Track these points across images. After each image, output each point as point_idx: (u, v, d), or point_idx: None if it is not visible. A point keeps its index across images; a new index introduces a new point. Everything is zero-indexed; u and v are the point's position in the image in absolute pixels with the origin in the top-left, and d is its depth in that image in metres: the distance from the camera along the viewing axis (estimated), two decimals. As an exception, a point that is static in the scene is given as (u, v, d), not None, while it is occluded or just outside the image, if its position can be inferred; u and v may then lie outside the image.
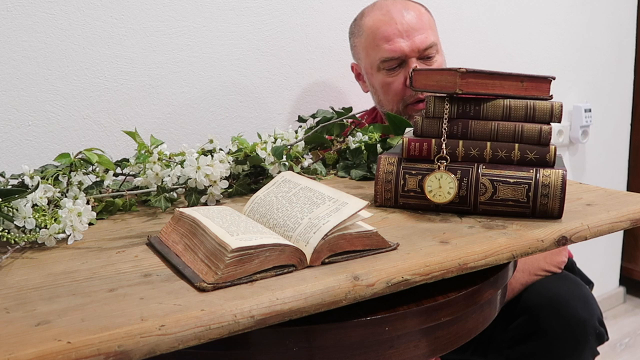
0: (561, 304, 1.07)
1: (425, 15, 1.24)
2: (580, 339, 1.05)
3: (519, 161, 0.77)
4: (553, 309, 1.07)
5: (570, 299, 1.08)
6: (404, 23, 1.18)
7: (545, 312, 1.07)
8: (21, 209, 0.67)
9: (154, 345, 0.45)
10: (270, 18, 1.38)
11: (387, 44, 1.18)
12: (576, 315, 1.06)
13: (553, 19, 1.94)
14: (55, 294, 0.53)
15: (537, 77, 0.78)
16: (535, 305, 1.09)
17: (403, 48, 1.17)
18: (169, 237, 0.66)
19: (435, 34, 1.24)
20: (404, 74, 1.19)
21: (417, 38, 1.18)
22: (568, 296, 1.09)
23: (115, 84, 1.21)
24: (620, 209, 0.76)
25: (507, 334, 1.12)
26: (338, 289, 0.54)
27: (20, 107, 1.12)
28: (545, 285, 1.12)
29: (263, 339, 0.56)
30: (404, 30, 1.18)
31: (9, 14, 1.08)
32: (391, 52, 1.18)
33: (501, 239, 0.66)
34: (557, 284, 1.12)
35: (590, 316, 1.08)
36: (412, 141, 0.79)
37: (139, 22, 1.22)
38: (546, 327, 1.06)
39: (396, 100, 1.22)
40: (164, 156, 0.85)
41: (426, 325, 0.63)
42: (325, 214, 0.62)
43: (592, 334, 1.07)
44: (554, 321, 1.06)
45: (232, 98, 1.36)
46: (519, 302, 1.13)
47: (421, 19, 1.21)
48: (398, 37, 1.18)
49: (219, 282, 0.53)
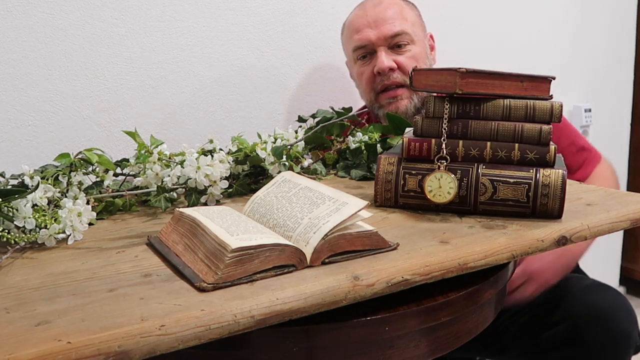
0: (606, 315, 1.06)
1: (398, 6, 1.26)
2: (622, 350, 1.05)
3: (519, 161, 0.77)
4: (599, 319, 1.06)
5: (617, 311, 1.07)
6: (373, 14, 1.24)
7: (591, 321, 1.06)
8: (21, 209, 0.67)
9: (154, 345, 0.45)
10: (270, 18, 1.38)
11: (357, 34, 1.25)
12: (620, 327, 1.05)
13: (553, 19, 1.94)
14: (55, 294, 0.53)
15: (537, 77, 0.78)
16: (580, 313, 1.08)
17: (370, 36, 1.23)
18: (169, 237, 0.66)
19: (409, 24, 1.25)
20: (374, 63, 1.23)
21: (384, 27, 1.23)
22: (614, 308, 1.08)
23: (115, 84, 1.21)
24: (620, 209, 0.76)
25: (544, 339, 1.11)
26: (338, 289, 0.54)
27: (20, 107, 1.12)
28: (591, 295, 1.12)
29: (263, 339, 0.56)
30: (372, 20, 1.24)
31: (9, 14, 1.08)
32: (359, 41, 1.25)
33: (501, 239, 0.66)
34: (603, 295, 1.11)
35: (633, 328, 1.07)
36: (412, 141, 0.78)
37: (139, 22, 1.22)
38: (589, 337, 1.05)
39: (368, 90, 1.26)
40: (164, 156, 0.85)
41: (426, 325, 0.63)
42: (325, 214, 0.62)
43: (633, 346, 1.07)
44: (599, 331, 1.05)
45: (232, 98, 1.36)
46: (558, 309, 1.12)
47: (392, 9, 1.25)
48: (367, 27, 1.24)
49: (219, 282, 0.53)
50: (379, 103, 1.25)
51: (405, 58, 1.23)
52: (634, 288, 2.44)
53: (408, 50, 1.24)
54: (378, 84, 1.23)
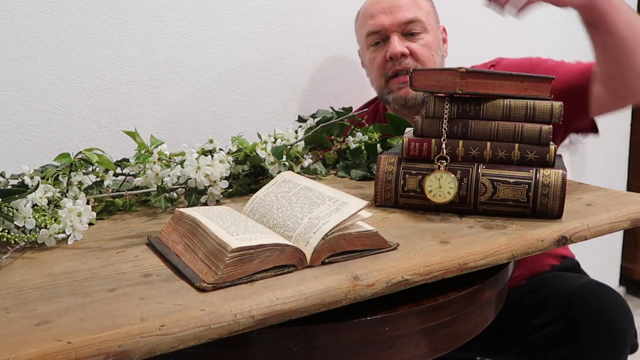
0: (602, 314, 1.06)
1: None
2: (618, 349, 1.04)
3: (519, 161, 0.77)
4: (596, 318, 1.05)
5: (614, 310, 1.07)
6: (388, 1, 1.25)
7: (588, 320, 1.05)
8: (21, 209, 0.67)
9: (154, 345, 0.45)
10: (270, 18, 1.38)
11: (371, 19, 1.26)
12: (616, 326, 1.05)
13: (553, 19, 1.94)
14: (55, 294, 0.53)
15: (537, 77, 0.78)
16: (577, 312, 1.07)
17: (384, 22, 1.24)
18: (169, 237, 0.66)
19: (423, 13, 1.26)
20: (387, 49, 1.24)
21: (398, 14, 1.24)
22: (611, 307, 1.07)
23: (115, 84, 1.21)
24: (620, 209, 0.76)
25: (539, 338, 1.11)
26: (338, 289, 0.54)
27: (20, 107, 1.12)
28: (588, 294, 1.11)
29: (263, 339, 0.56)
30: (387, 7, 1.25)
31: (9, 14, 1.08)
32: (373, 27, 1.25)
33: (501, 239, 0.66)
34: (600, 294, 1.11)
35: (629, 327, 1.07)
36: (412, 141, 0.79)
37: (139, 22, 1.22)
38: (586, 335, 1.04)
39: (379, 75, 1.27)
40: (164, 156, 0.85)
41: (426, 325, 0.63)
42: (325, 214, 0.62)
43: (629, 345, 1.06)
44: (595, 330, 1.04)
45: (232, 98, 1.36)
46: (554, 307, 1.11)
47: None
48: (381, 13, 1.25)
49: (219, 282, 0.53)
50: (389, 88, 1.25)
51: (418, 45, 1.23)
52: (634, 288, 2.44)
53: (421, 38, 1.24)
54: (389, 69, 1.24)
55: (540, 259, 1.30)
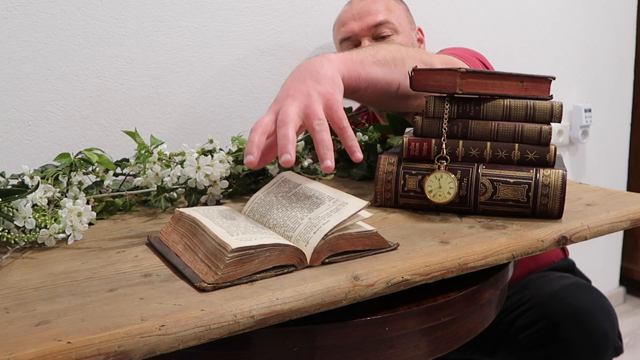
0: (584, 314, 1.06)
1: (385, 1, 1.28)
2: (600, 351, 1.04)
3: (519, 161, 0.77)
4: (575, 318, 1.05)
5: (594, 310, 1.07)
6: (358, 8, 1.28)
7: (567, 320, 1.06)
8: (21, 209, 0.67)
9: (154, 345, 0.45)
10: (270, 18, 1.38)
11: (342, 27, 1.29)
12: (598, 327, 1.05)
13: (553, 19, 1.94)
14: (55, 294, 0.53)
15: (537, 77, 0.78)
16: (557, 312, 1.07)
17: (353, 28, 1.27)
18: (169, 237, 0.66)
19: (393, 15, 1.27)
20: None
21: (367, 18, 1.26)
22: (591, 307, 1.07)
23: (115, 84, 1.21)
24: (620, 209, 0.76)
25: (524, 338, 1.11)
26: (338, 289, 0.54)
27: (20, 107, 1.12)
28: (569, 294, 1.11)
29: (263, 339, 0.56)
30: (357, 13, 1.28)
31: (9, 14, 1.08)
32: (344, 33, 1.28)
33: (501, 239, 0.66)
34: (581, 294, 1.11)
35: (612, 329, 1.07)
36: (412, 141, 0.79)
37: (139, 22, 1.22)
38: (566, 336, 1.05)
39: None
40: (164, 156, 0.85)
41: (426, 325, 0.63)
42: (325, 214, 0.62)
43: (611, 347, 1.06)
44: (575, 330, 1.04)
45: (232, 98, 1.36)
46: (536, 308, 1.11)
47: (377, 3, 1.27)
48: (351, 20, 1.28)
49: (219, 282, 0.53)
50: None
51: None
52: (634, 288, 2.44)
53: (392, 40, 1.25)
54: None
55: (534, 259, 1.30)
